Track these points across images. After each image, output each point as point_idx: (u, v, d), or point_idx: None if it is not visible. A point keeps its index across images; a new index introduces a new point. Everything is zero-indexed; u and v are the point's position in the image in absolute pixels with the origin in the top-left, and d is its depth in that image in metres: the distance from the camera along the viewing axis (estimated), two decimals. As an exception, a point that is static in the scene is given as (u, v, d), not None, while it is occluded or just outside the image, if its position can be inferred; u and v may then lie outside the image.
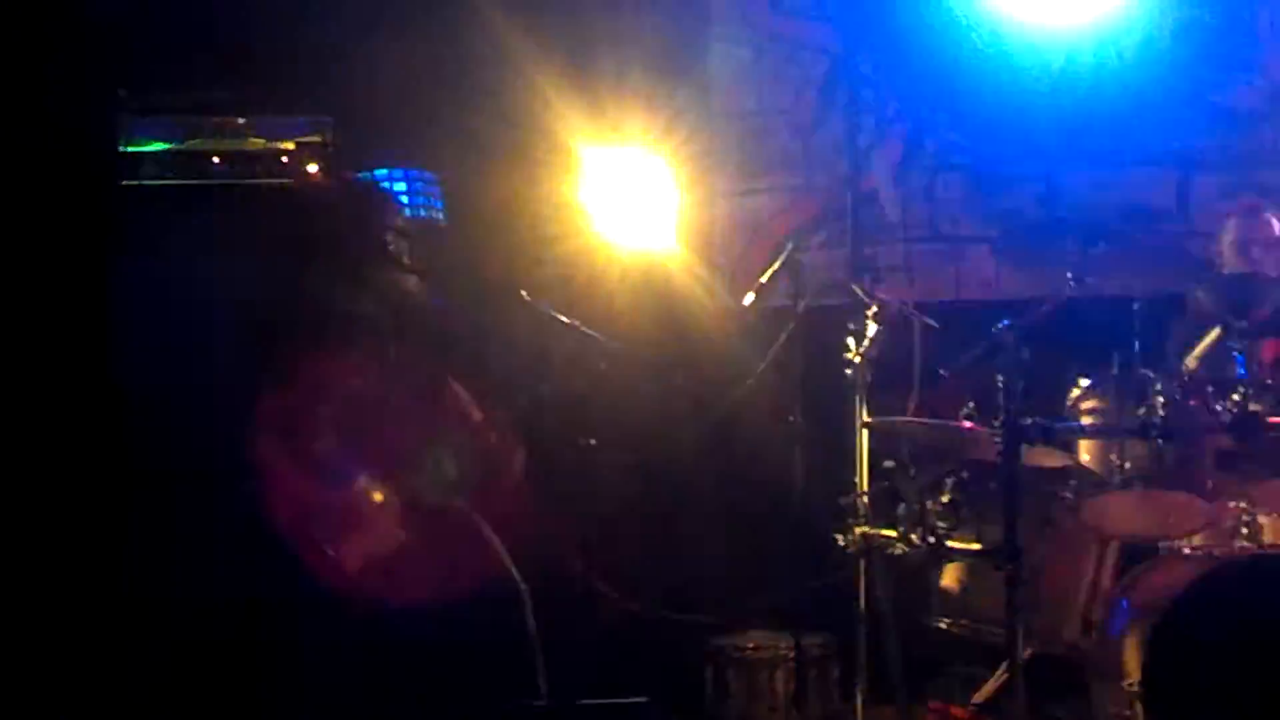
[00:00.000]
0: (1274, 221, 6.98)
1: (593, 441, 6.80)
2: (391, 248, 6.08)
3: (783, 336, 6.99)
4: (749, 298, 7.01)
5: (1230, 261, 7.00)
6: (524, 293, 6.35)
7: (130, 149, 6.91)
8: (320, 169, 7.07)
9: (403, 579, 5.83)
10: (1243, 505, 6.16)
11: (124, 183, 6.87)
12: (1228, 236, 7.06)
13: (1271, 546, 6.11)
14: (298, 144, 6.98)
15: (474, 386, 6.09)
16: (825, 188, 7.81)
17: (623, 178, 7.09)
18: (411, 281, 6.10)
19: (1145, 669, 5.64)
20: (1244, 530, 6.12)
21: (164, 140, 6.97)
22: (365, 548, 5.90)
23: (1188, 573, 5.87)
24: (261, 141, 7.01)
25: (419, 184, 7.42)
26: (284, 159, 7.03)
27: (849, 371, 6.72)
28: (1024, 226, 7.67)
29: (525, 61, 7.22)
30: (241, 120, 7.01)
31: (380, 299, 6.03)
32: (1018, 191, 7.90)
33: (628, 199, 7.09)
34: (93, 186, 6.92)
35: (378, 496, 6.17)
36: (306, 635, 5.93)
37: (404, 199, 7.32)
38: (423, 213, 7.41)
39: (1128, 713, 5.72)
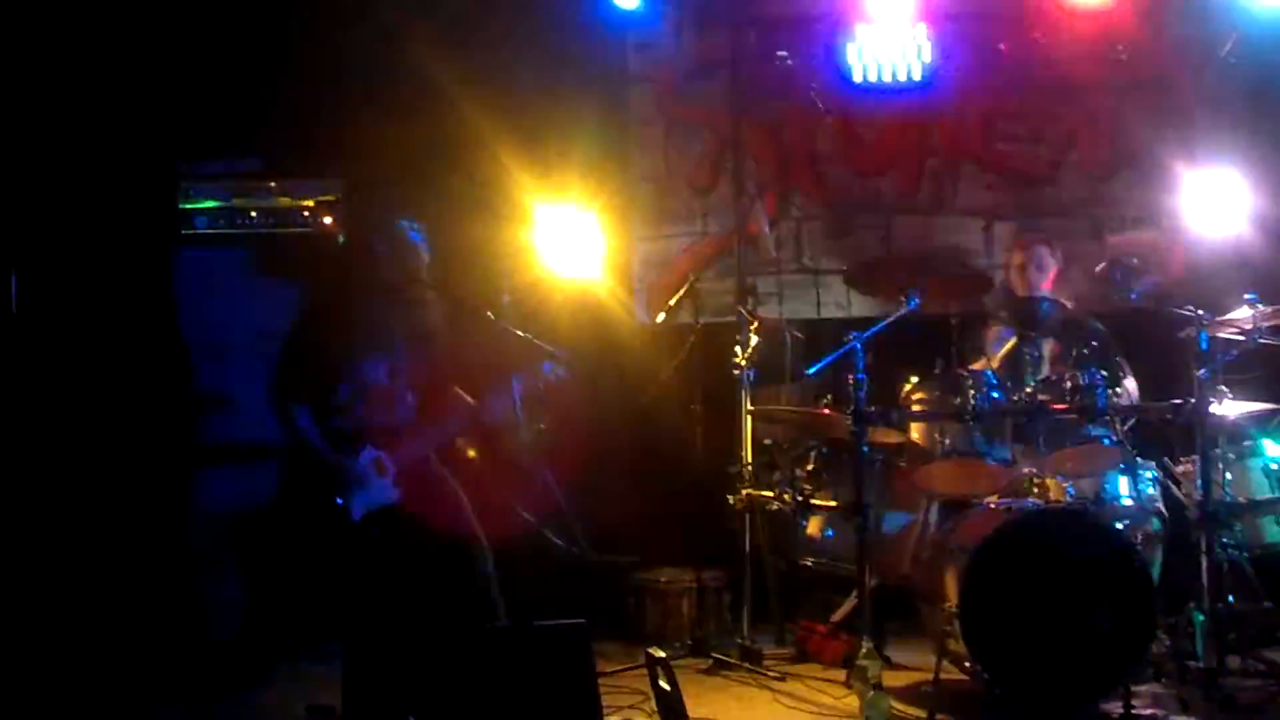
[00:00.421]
0: (1046, 254, 6.98)
1: (543, 426, 6.99)
2: (424, 275, 6.14)
3: (687, 346, 7.10)
4: (660, 317, 7.16)
5: (1017, 285, 7.00)
6: (489, 314, 6.29)
7: (186, 205, 7.02)
8: (334, 221, 7.15)
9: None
10: (1033, 471, 6.21)
11: (182, 231, 6.98)
12: (1014, 265, 7.06)
13: (1054, 502, 6.11)
14: (316, 201, 7.09)
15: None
16: (718, 233, 7.77)
17: (564, 226, 7.08)
18: (433, 298, 6.14)
19: (960, 594, 5.63)
20: (1034, 490, 6.17)
21: (212, 199, 7.08)
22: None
23: (992, 521, 5.86)
24: (288, 199, 7.11)
25: (412, 231, 7.52)
26: (305, 213, 7.13)
27: (737, 372, 6.78)
28: (869, 262, 7.68)
29: (491, 138, 7.20)
30: (273, 183, 7.12)
31: (420, 312, 6.08)
32: (863, 235, 7.90)
33: (568, 242, 7.08)
34: (158, 235, 7.05)
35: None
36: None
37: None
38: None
39: (947, 628, 5.72)
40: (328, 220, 7.06)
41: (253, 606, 6.03)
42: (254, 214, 7.02)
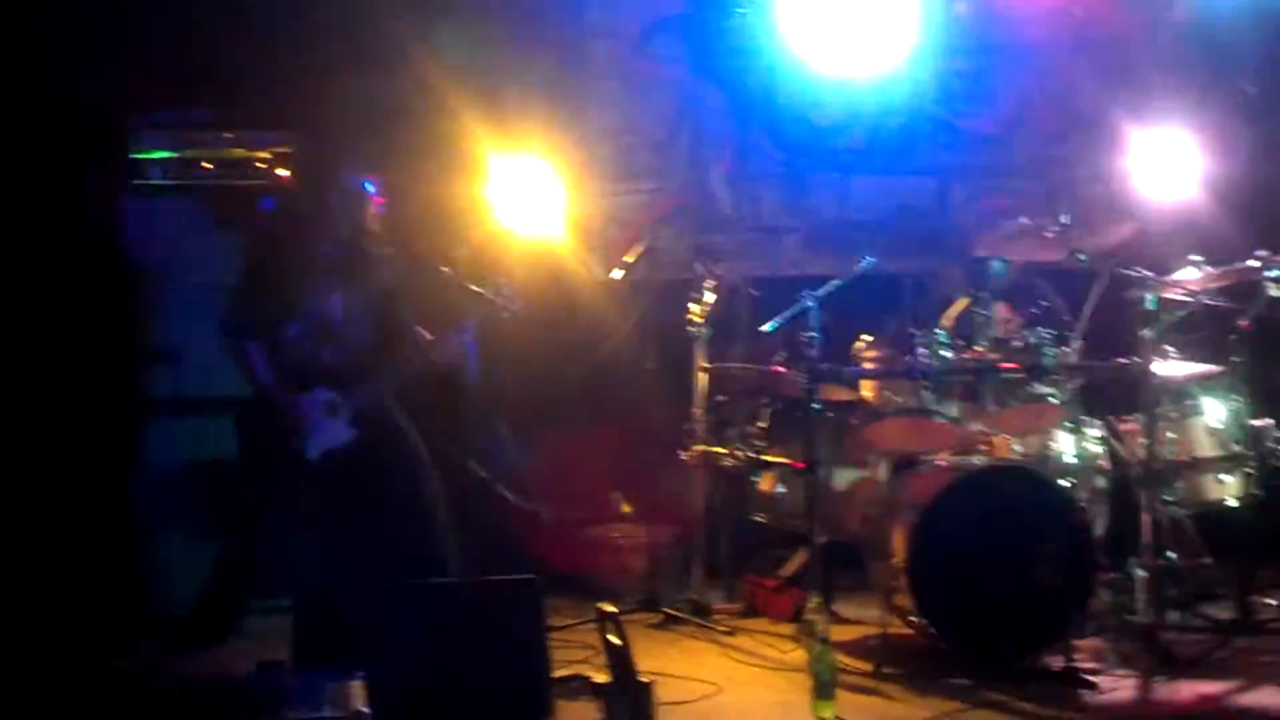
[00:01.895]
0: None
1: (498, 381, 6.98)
2: (377, 227, 6.06)
3: (643, 303, 7.18)
4: (618, 273, 7.12)
5: (976, 248, 6.94)
6: (444, 268, 6.28)
7: (137, 155, 6.89)
8: (290, 173, 7.11)
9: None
10: (981, 429, 6.31)
11: (133, 182, 6.86)
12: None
13: (1001, 459, 6.23)
14: (272, 153, 7.01)
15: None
16: (676, 190, 7.77)
17: (521, 180, 6.94)
18: (389, 252, 6.10)
19: (907, 550, 5.71)
20: (982, 447, 6.27)
21: (166, 149, 6.95)
22: None
23: (941, 479, 5.94)
24: (243, 151, 7.01)
25: (364, 183, 7.49)
26: (260, 164, 7.06)
27: (692, 329, 6.78)
28: (824, 221, 7.72)
29: (446, 90, 7.11)
30: (227, 134, 7.00)
31: (375, 262, 6.06)
32: (819, 194, 7.92)
33: (526, 196, 6.94)
34: (108, 184, 6.88)
35: None
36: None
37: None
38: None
39: (894, 583, 5.80)
40: (282, 172, 6.98)
41: (208, 563, 6.03)
42: (207, 164, 6.90)
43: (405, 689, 4.86)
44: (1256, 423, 6.39)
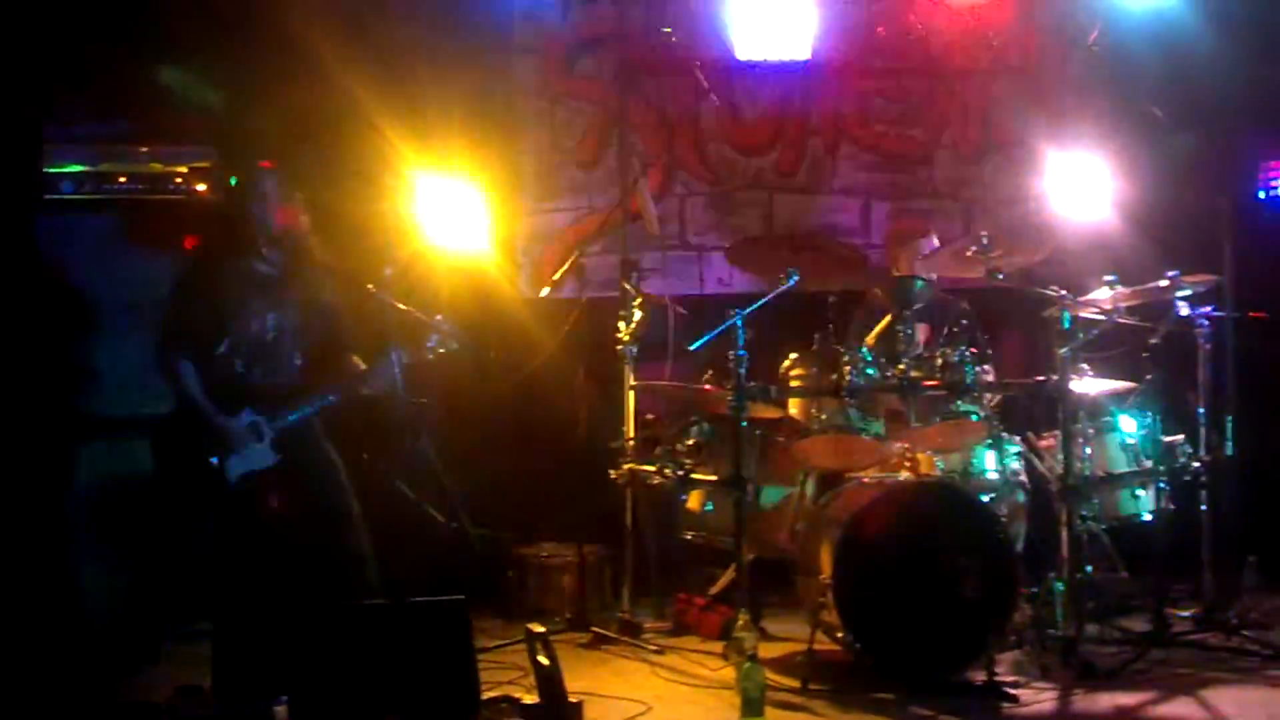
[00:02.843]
0: (926, 236, 7.03)
1: (424, 400, 6.94)
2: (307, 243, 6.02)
3: (570, 321, 7.11)
4: (545, 291, 7.13)
5: (900, 267, 7.00)
6: (370, 286, 6.21)
7: (50, 169, 6.70)
8: (207, 188, 7.00)
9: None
10: (906, 446, 6.31)
11: (45, 196, 6.70)
12: (901, 249, 7.08)
13: (924, 476, 6.24)
14: (190, 168, 6.89)
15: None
16: (603, 208, 7.69)
17: (447, 199, 6.93)
18: (319, 271, 6.03)
19: (833, 567, 5.70)
20: (907, 464, 6.25)
21: (79, 163, 6.74)
22: None
23: (866, 495, 5.96)
24: (160, 165, 6.86)
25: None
26: (178, 179, 6.94)
27: (620, 347, 6.76)
28: (751, 239, 7.67)
29: (371, 108, 7.04)
30: (144, 148, 6.86)
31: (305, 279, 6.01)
32: (745, 213, 7.96)
33: (451, 215, 6.94)
34: (19, 199, 6.73)
35: None
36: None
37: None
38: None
39: (821, 599, 5.78)
40: (201, 187, 6.87)
41: (129, 586, 5.92)
42: (123, 179, 6.76)
43: (330, 713, 4.81)
44: (1169, 439, 6.51)
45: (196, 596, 5.89)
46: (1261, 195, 7.83)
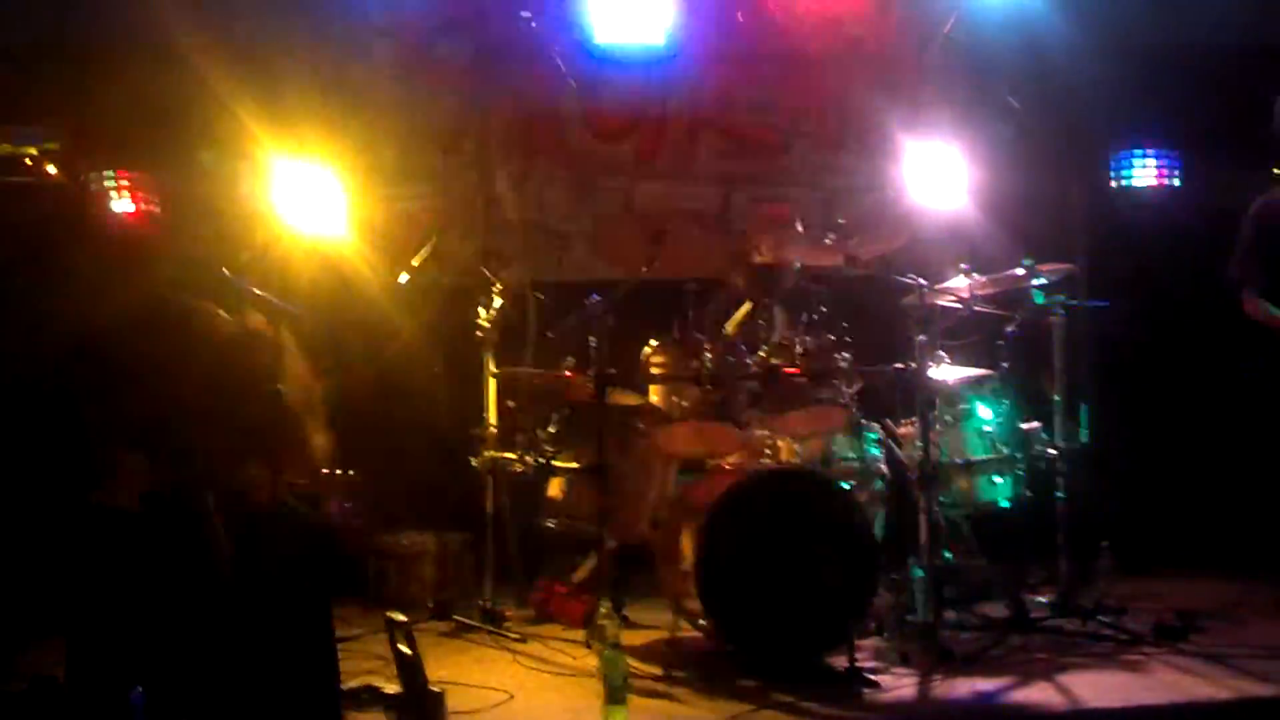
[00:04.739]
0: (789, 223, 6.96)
1: (280, 388, 6.84)
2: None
3: (430, 307, 7.07)
4: (404, 277, 6.98)
5: (761, 254, 6.94)
6: (226, 271, 6.22)
7: None
8: (58, 171, 6.82)
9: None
10: (767, 433, 6.36)
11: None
12: (763, 236, 7.08)
13: (785, 463, 6.31)
14: (40, 150, 6.75)
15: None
16: (462, 194, 7.66)
17: (304, 183, 6.70)
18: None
19: (695, 554, 5.70)
20: (767, 451, 6.34)
21: None
22: None
23: (726, 482, 5.95)
24: (9, 147, 6.68)
25: (141, 183, 7.23)
26: (28, 161, 6.77)
27: (480, 334, 6.72)
28: (611, 226, 7.71)
29: (226, 90, 6.89)
30: None
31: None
32: (606, 198, 7.94)
33: (309, 199, 6.71)
34: None
35: None
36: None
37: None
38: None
39: (683, 586, 5.81)
40: (51, 170, 6.69)
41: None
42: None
43: (189, 704, 4.71)
44: (1025, 426, 6.59)
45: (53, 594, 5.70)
46: (1115, 185, 7.98)
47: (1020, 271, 6.43)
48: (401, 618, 5.10)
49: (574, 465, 6.49)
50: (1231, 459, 7.34)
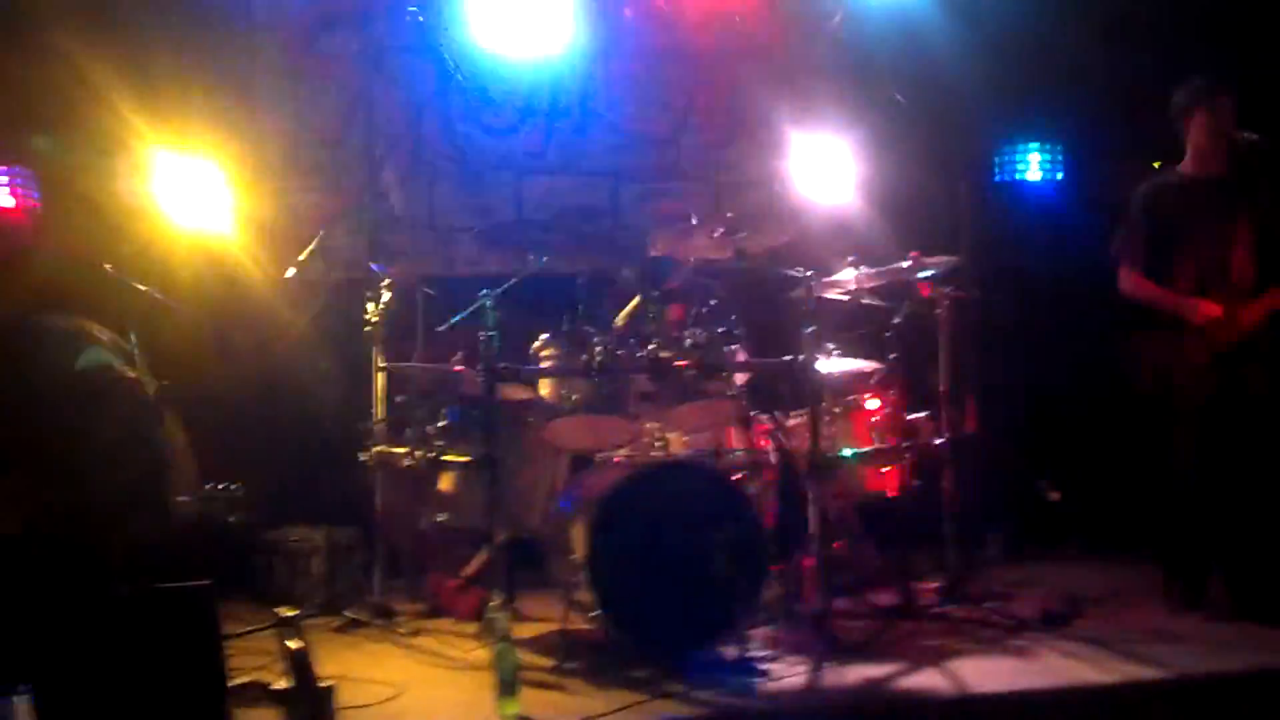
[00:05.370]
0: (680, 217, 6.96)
1: (165, 383, 6.77)
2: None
3: (317, 302, 7.03)
4: (290, 272, 6.91)
5: (658, 247, 7.01)
6: (107, 266, 6.09)
7: None
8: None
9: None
10: (657, 426, 6.37)
11: None
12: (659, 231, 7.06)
13: (674, 455, 6.32)
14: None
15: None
16: (349, 189, 7.63)
17: (187, 177, 6.73)
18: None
19: (586, 546, 5.71)
20: (657, 444, 6.34)
21: None
22: None
23: (617, 475, 5.97)
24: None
25: (20, 178, 7.15)
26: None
27: (368, 329, 6.69)
28: (498, 221, 7.72)
29: (102, 85, 6.82)
30: None
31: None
32: (494, 194, 7.92)
33: (193, 193, 6.74)
34: None
35: None
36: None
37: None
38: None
39: (574, 579, 5.81)
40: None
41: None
42: None
43: (75, 702, 4.64)
44: (912, 417, 6.69)
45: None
46: (999, 179, 8.15)
47: (906, 264, 6.51)
48: (291, 613, 5.06)
49: (464, 459, 6.44)
50: (1112, 447, 7.50)
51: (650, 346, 6.34)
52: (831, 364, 6.57)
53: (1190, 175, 6.42)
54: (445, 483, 6.65)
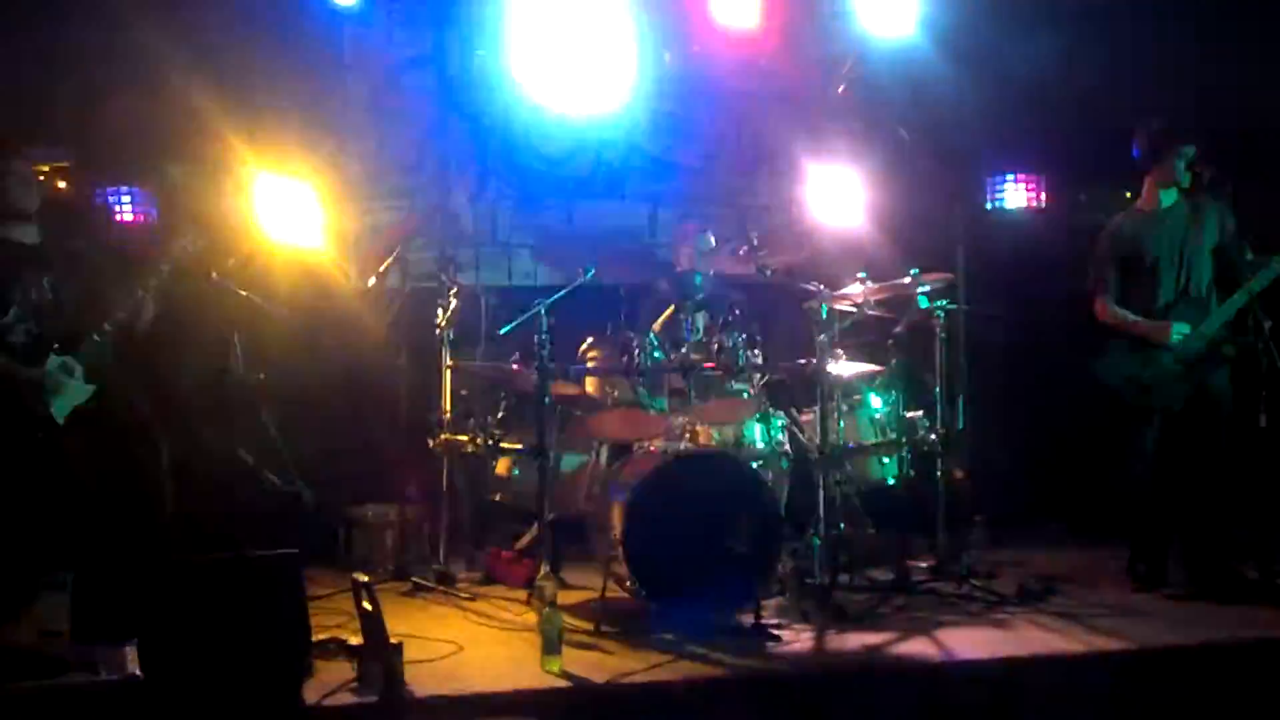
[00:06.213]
0: (705, 236, 7.11)
1: (262, 376, 6.85)
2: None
3: (395, 308, 7.04)
4: (372, 281, 6.97)
5: (681, 263, 7.13)
6: (214, 274, 6.13)
7: None
8: (67, 186, 6.75)
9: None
10: (686, 419, 6.37)
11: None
12: (682, 248, 7.21)
13: (702, 446, 6.30)
14: (51, 167, 6.65)
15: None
16: (423, 209, 7.65)
17: (285, 197, 6.75)
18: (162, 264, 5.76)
19: (623, 524, 5.73)
20: (687, 435, 6.33)
21: None
22: None
23: (651, 462, 5.97)
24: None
25: (139, 197, 7.22)
26: (40, 178, 6.68)
27: (438, 332, 6.70)
28: (553, 238, 7.74)
29: (212, 118, 6.89)
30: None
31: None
32: (549, 215, 7.93)
33: (289, 212, 6.76)
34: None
35: None
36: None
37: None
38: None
39: (613, 553, 5.81)
40: (62, 185, 6.58)
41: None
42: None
43: (177, 654, 4.68)
44: (910, 414, 6.68)
45: (54, 546, 5.63)
46: (990, 206, 8.09)
47: (907, 280, 6.48)
48: (365, 578, 5.09)
49: (519, 446, 6.48)
50: (1085, 443, 7.44)
51: (682, 350, 6.35)
52: (841, 366, 6.53)
53: (1151, 209, 6.35)
54: (502, 467, 6.71)
